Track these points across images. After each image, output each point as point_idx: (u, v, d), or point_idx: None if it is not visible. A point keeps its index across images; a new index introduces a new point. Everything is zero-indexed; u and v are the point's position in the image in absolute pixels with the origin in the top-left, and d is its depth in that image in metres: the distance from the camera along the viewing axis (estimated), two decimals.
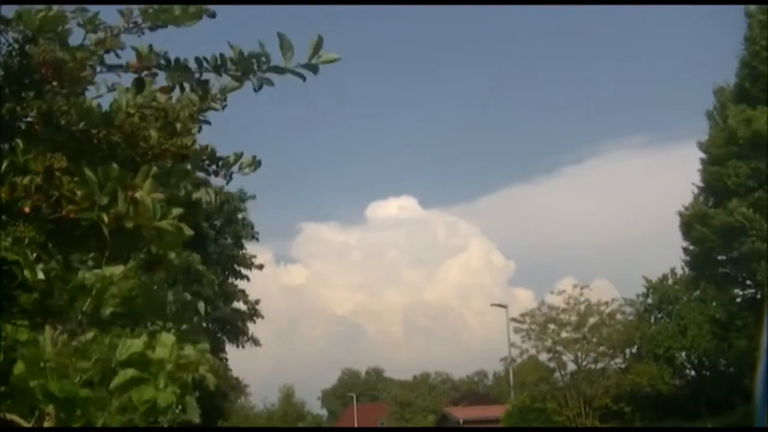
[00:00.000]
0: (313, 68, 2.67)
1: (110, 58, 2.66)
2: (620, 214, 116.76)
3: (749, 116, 31.46)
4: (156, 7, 2.58)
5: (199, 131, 2.79)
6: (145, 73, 2.65)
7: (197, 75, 2.72)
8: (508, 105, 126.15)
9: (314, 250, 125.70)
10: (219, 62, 2.68)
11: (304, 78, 2.69)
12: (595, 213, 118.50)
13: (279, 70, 2.68)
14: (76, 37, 2.62)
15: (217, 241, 34.49)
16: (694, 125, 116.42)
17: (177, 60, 2.70)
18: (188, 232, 2.38)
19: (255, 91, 2.71)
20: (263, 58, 2.66)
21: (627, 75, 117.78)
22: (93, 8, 2.60)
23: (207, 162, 2.89)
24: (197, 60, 2.70)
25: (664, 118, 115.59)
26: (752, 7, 32.67)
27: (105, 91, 2.69)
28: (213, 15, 2.63)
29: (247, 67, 2.67)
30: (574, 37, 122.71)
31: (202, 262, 28.76)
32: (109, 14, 2.67)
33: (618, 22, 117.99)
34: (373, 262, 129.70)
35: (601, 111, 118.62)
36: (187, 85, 2.74)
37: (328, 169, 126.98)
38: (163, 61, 2.67)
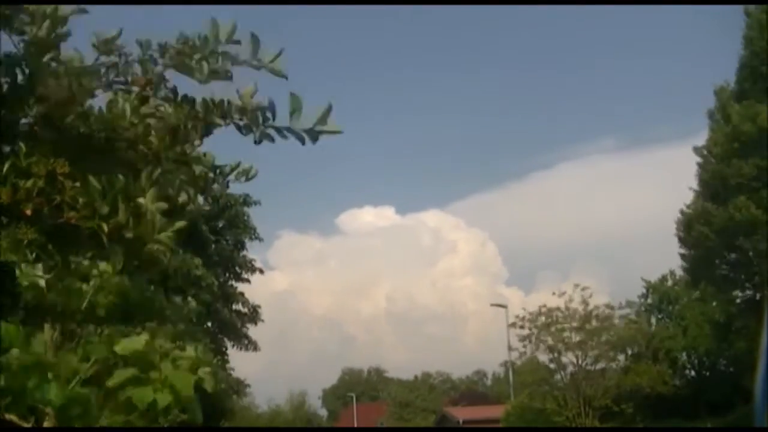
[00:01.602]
0: (314, 136, 2.69)
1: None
2: (593, 218, 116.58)
3: (754, 112, 31.30)
4: (174, 51, 2.58)
5: (200, 141, 2.81)
6: (150, 91, 2.66)
7: (202, 115, 2.73)
8: (475, 110, 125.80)
9: (294, 258, 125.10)
10: (226, 109, 2.68)
11: (303, 142, 2.71)
12: (567, 217, 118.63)
13: (281, 131, 2.70)
14: (81, 44, 2.62)
15: (218, 243, 34.47)
16: (666, 128, 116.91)
17: (185, 96, 2.71)
18: (179, 224, 2.38)
19: (255, 143, 2.73)
20: (268, 114, 2.67)
21: (597, 77, 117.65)
22: (107, 27, 2.60)
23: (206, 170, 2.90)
24: (204, 102, 2.70)
25: (635, 121, 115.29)
26: (751, 7, 32.58)
27: (110, 96, 2.70)
28: (230, 78, 2.64)
29: (251, 119, 2.68)
30: (540, 40, 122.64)
31: (202, 264, 28.75)
32: (110, 19, 2.67)
33: (585, 24, 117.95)
34: (359, 267, 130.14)
35: (569, 114, 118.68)
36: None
37: (305, 178, 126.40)
38: (170, 95, 2.68)
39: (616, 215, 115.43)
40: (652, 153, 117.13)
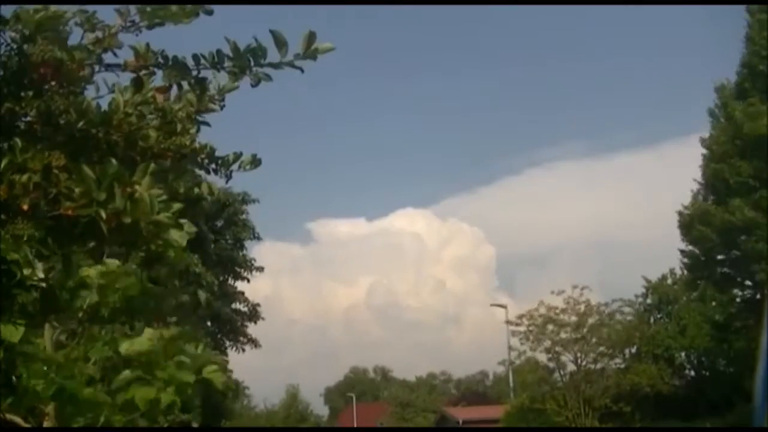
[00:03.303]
0: (312, 57, 2.67)
1: (108, 57, 2.67)
2: (567, 222, 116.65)
3: (756, 111, 31.23)
4: (152, 8, 2.57)
5: (197, 131, 2.80)
6: (143, 71, 2.66)
7: (195, 72, 2.72)
8: (443, 114, 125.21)
9: (280, 264, 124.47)
10: (216, 59, 2.68)
11: (302, 70, 2.69)
12: (538, 222, 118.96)
13: (276, 65, 2.68)
14: (73, 37, 2.62)
15: (217, 242, 34.42)
16: (638, 132, 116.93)
17: (175, 58, 2.70)
18: (190, 229, 2.37)
19: (252, 86, 2.71)
20: (260, 52, 2.66)
21: (568, 79, 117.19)
22: (90, 7, 2.60)
23: (206, 161, 2.89)
24: (194, 57, 2.70)
25: (604, 125, 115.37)
26: (753, 6, 32.59)
27: (105, 92, 2.70)
28: (210, 12, 2.63)
29: (243, 62, 2.67)
30: (509, 42, 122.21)
31: (201, 263, 28.74)
32: (107, 13, 2.67)
33: (555, 27, 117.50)
34: (348, 272, 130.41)
35: (537, 118, 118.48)
36: (185, 84, 2.74)
37: (293, 179, 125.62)
38: (160, 59, 2.67)
39: (587, 219, 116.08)
40: (619, 158, 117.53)
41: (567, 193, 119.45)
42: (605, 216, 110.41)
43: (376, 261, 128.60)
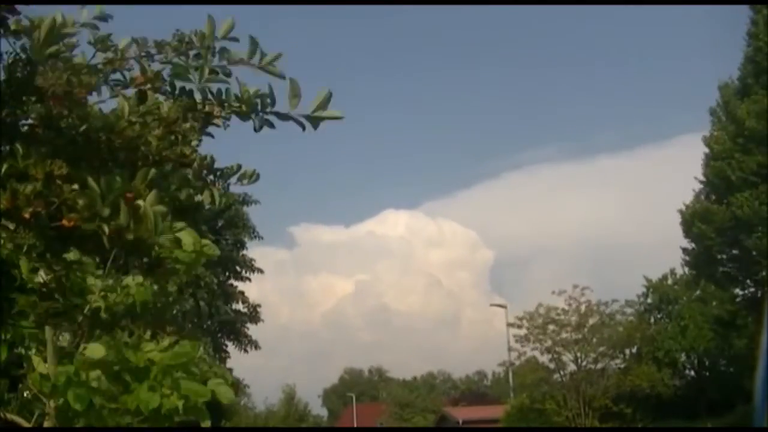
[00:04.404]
0: (315, 122, 2.65)
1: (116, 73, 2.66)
2: (556, 224, 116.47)
3: (760, 108, 31.09)
4: (171, 48, 2.55)
5: (198, 143, 2.80)
6: (148, 86, 2.65)
7: (200, 106, 2.71)
8: (437, 114, 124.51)
9: (265, 266, 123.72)
10: (224, 97, 2.66)
11: (304, 127, 2.68)
12: (532, 222, 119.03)
13: (282, 116, 2.67)
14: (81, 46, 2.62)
15: (217, 242, 34.31)
16: (617, 134, 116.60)
17: (183, 89, 2.68)
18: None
19: (255, 131, 2.70)
20: (268, 100, 2.64)
21: (565, 79, 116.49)
22: (104, 26, 2.59)
23: (205, 172, 2.89)
24: (203, 91, 2.68)
25: (582, 127, 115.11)
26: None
27: (108, 97, 2.69)
28: (228, 74, 2.62)
29: (251, 106, 2.66)
30: (487, 43, 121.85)
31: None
32: (114, 16, 2.66)
33: (533, 28, 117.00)
34: (341, 274, 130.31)
35: (515, 122, 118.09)
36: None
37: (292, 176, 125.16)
38: (168, 87, 2.66)
39: (580, 220, 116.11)
40: (615, 159, 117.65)
41: (558, 194, 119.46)
42: (599, 217, 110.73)
43: (367, 263, 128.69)
